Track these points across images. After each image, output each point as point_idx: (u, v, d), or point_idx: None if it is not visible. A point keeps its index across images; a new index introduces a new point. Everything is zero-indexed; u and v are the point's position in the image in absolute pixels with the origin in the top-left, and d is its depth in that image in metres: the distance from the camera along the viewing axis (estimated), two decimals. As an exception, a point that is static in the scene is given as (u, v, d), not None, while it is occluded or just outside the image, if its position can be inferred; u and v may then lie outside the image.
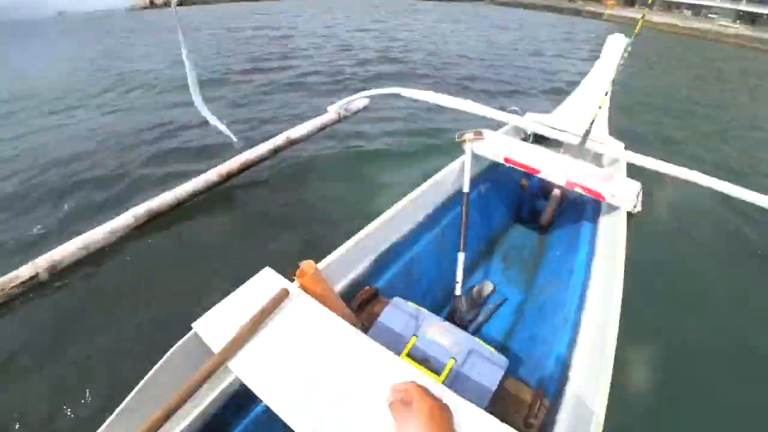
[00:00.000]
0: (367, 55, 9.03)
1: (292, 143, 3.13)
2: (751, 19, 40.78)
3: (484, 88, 6.78)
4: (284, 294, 0.97)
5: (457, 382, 1.10)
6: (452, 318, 1.78)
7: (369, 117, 4.01)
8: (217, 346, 0.87)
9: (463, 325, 1.81)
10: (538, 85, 7.56)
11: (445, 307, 1.90)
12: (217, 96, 5.59)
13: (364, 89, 3.04)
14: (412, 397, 0.62)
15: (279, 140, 3.10)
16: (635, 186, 1.89)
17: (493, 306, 1.99)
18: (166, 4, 33.98)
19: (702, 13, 48.23)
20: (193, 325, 0.93)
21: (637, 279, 1.61)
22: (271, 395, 0.81)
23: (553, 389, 1.23)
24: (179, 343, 0.95)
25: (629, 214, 1.82)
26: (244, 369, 0.84)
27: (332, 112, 3.13)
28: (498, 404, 1.10)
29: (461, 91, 6.46)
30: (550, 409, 1.13)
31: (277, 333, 0.91)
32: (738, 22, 39.16)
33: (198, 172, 3.10)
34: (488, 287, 2.04)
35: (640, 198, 1.86)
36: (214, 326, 0.93)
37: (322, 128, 3.17)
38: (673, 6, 53.84)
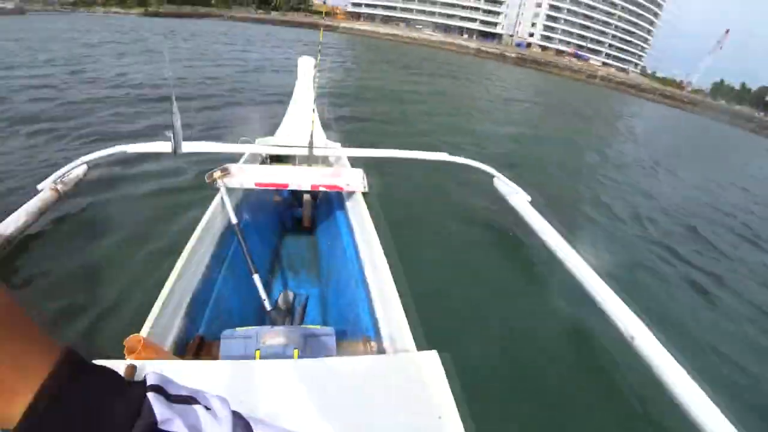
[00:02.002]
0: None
1: (6, 243, 2.41)
2: (444, 29, 55.03)
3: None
4: (132, 371, 0.94)
5: None
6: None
7: (96, 185, 3.56)
8: None
9: None
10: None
11: (261, 323, 2.01)
12: None
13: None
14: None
15: None
16: (359, 173, 2.53)
17: (300, 307, 2.20)
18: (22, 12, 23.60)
19: (412, 24, 61.53)
20: None
21: (388, 235, 2.19)
22: None
23: (372, 332, 1.56)
24: None
25: (364, 195, 2.40)
26: None
27: (47, 189, 2.67)
28: None
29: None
30: (377, 346, 1.46)
31: None
32: (436, 30, 51.48)
33: None
34: (289, 295, 2.26)
35: (365, 180, 2.47)
36: None
37: (41, 212, 2.61)
38: (389, 19, 66.80)
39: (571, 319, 2.87)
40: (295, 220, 3.10)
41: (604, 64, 66.42)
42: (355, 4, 72.58)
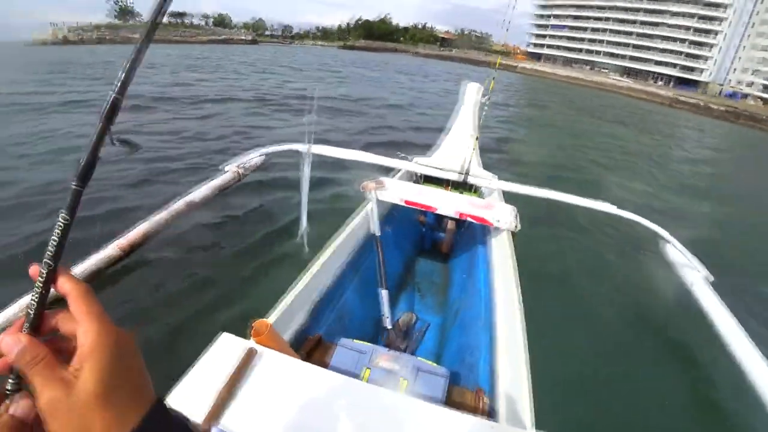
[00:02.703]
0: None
1: (193, 207, 3.05)
2: (633, 74, 48.47)
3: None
4: (252, 353, 1.05)
5: None
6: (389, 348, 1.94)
7: (268, 173, 4.15)
8: (198, 414, 0.89)
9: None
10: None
11: (377, 339, 2.03)
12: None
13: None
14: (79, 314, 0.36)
15: (179, 205, 2.99)
16: (512, 210, 2.35)
17: (419, 333, 2.17)
18: (83, 41, 35.18)
19: (597, 68, 56.19)
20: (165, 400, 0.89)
21: (529, 281, 1.93)
22: None
23: (487, 386, 1.43)
24: None
25: (512, 234, 2.25)
26: (234, 428, 0.89)
27: (230, 171, 3.20)
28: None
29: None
30: (489, 403, 1.33)
31: (257, 389, 0.98)
32: (624, 75, 46.07)
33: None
34: (412, 317, 2.24)
35: (517, 219, 2.29)
36: (188, 397, 0.94)
37: (223, 189, 3.17)
38: (572, 61, 62.43)
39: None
40: (435, 243, 3.06)
41: None
42: (536, 45, 71.35)
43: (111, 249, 2.87)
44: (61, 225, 0.35)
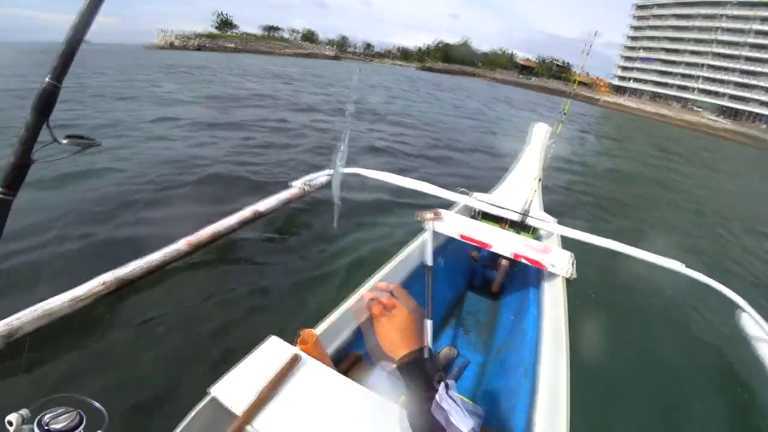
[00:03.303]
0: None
1: (258, 216, 3.24)
2: (733, 114, 43.33)
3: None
4: (296, 359, 1.09)
5: None
6: None
7: (331, 192, 4.28)
8: (238, 408, 0.95)
9: None
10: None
11: None
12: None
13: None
14: (399, 295, 0.82)
15: (247, 213, 3.22)
16: (569, 256, 2.28)
17: (458, 368, 2.15)
18: (185, 47, 40.47)
19: (688, 105, 51.55)
20: (210, 389, 1.00)
21: (579, 332, 1.89)
22: None
23: None
24: (198, 407, 1.00)
25: (567, 280, 2.17)
26: (269, 428, 0.93)
27: (296, 187, 3.38)
28: None
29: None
30: None
31: (295, 395, 1.01)
32: (722, 116, 41.66)
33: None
34: (453, 352, 2.23)
35: (574, 266, 2.21)
36: (232, 390, 1.00)
37: (288, 202, 3.34)
38: (659, 96, 57.86)
39: None
40: (485, 281, 3.01)
41: None
42: (621, 78, 67.55)
43: (180, 244, 3.12)
44: None
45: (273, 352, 1.12)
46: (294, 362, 1.07)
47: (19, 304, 2.23)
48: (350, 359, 1.53)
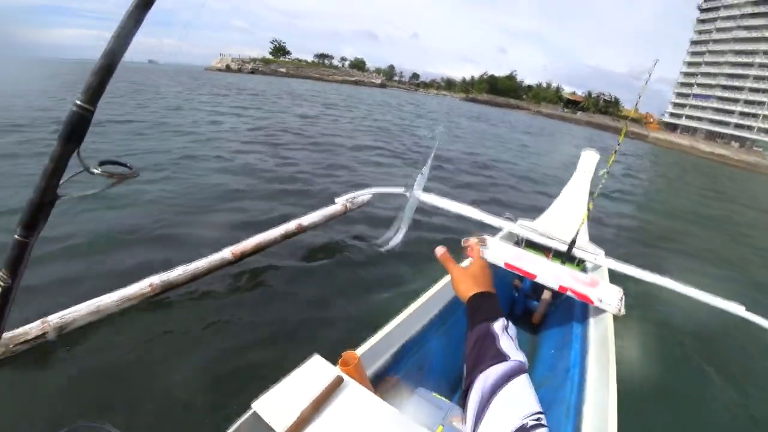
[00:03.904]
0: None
1: (301, 230, 3.32)
2: None
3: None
4: (339, 381, 1.08)
5: None
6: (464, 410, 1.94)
7: (373, 212, 4.34)
8: (279, 426, 0.94)
9: None
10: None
11: (452, 397, 1.98)
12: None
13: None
14: (475, 249, 0.95)
15: (291, 226, 3.30)
16: (619, 292, 2.15)
17: None
18: (240, 70, 44.31)
19: (748, 145, 48.51)
20: (252, 404, 1.00)
21: (627, 373, 1.83)
22: None
23: None
24: (239, 421, 1.01)
25: (614, 317, 2.07)
26: None
27: (339, 204, 3.43)
28: None
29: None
30: None
31: (336, 418, 1.00)
32: (788, 158, 38.91)
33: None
34: None
35: (623, 302, 2.08)
36: (274, 407, 1.00)
37: (330, 218, 3.40)
38: (716, 135, 54.77)
39: None
40: (526, 311, 2.89)
41: None
42: (673, 115, 64.88)
43: (225, 252, 3.22)
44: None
45: (316, 371, 1.11)
46: (336, 384, 1.06)
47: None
48: (388, 382, 1.52)
